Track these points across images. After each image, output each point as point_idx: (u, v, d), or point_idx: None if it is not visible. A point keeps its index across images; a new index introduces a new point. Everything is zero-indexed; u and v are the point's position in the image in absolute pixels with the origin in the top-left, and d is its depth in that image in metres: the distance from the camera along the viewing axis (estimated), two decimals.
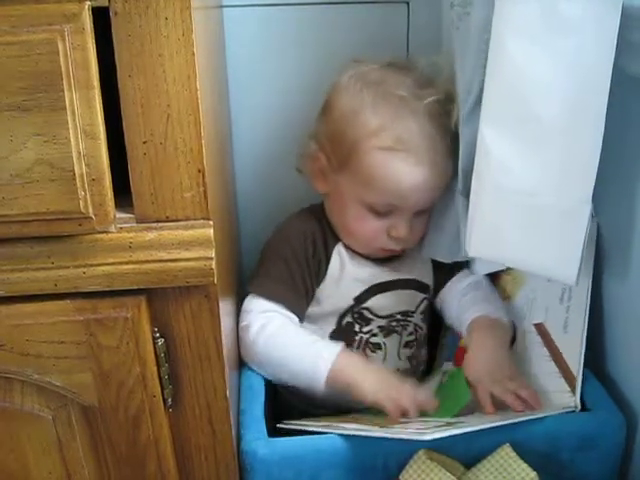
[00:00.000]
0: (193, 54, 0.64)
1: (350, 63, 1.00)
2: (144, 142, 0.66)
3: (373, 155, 0.94)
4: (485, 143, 0.80)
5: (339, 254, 1.02)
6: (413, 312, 1.05)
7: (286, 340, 0.95)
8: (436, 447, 0.83)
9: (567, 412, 0.86)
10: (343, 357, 0.92)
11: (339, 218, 1.01)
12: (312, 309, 1.02)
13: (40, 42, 0.60)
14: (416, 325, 1.06)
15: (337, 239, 1.03)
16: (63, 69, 0.61)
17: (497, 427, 0.84)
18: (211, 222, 0.70)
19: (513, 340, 1.00)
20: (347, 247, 1.02)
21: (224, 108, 1.05)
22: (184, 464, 0.81)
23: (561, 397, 0.88)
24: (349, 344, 1.01)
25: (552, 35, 0.73)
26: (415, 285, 1.06)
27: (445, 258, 1.02)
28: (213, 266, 0.69)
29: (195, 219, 0.69)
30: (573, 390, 0.87)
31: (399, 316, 1.04)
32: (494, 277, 1.08)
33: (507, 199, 0.81)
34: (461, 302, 1.05)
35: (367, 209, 0.97)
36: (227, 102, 1.12)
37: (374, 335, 1.03)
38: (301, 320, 1.00)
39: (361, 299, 1.02)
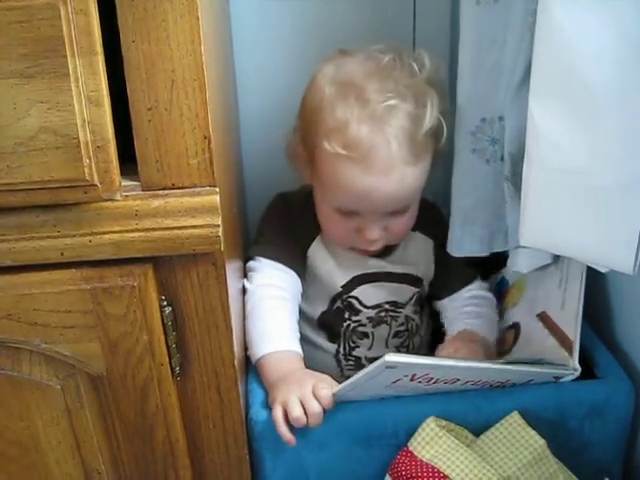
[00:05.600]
0: (197, 18, 0.63)
1: (334, 54, 0.95)
2: (149, 109, 0.66)
3: (325, 159, 0.90)
4: (534, 120, 0.75)
5: (322, 240, 1.01)
6: (404, 304, 1.04)
7: (261, 311, 0.94)
8: (445, 415, 0.83)
9: (576, 380, 0.86)
10: (277, 357, 0.89)
11: (317, 214, 1.00)
12: (306, 289, 1.02)
13: (42, 7, 0.59)
14: (407, 317, 1.04)
15: (320, 228, 1.01)
16: (65, 34, 0.60)
17: (505, 395, 0.84)
18: (217, 189, 0.69)
19: None
20: None
21: (229, 73, 1.04)
22: (192, 433, 0.81)
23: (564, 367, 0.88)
24: (338, 328, 1.02)
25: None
26: (405, 279, 1.04)
27: (480, 252, 0.98)
28: (220, 233, 0.69)
29: (201, 186, 0.69)
30: (570, 353, 0.86)
31: (387, 306, 1.02)
32: (503, 294, 1.06)
33: (558, 180, 0.75)
34: (459, 312, 1.05)
35: (333, 209, 0.95)
36: (232, 68, 1.11)
37: (362, 325, 1.02)
38: (300, 275, 1.00)
39: (348, 288, 1.01)
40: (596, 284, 1.00)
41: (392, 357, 0.76)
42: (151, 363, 0.75)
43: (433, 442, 0.81)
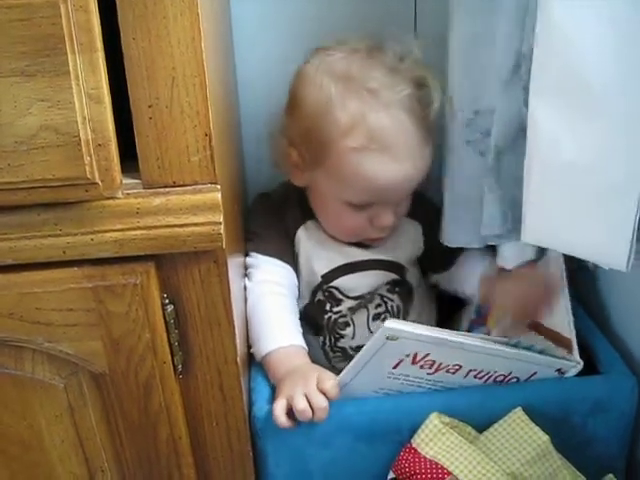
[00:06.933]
0: (198, 15, 0.63)
1: (314, 51, 0.95)
2: (149, 106, 0.66)
3: (347, 155, 0.90)
4: (534, 118, 0.75)
5: (305, 230, 1.02)
6: (378, 287, 1.04)
7: (262, 307, 0.94)
8: (448, 411, 0.83)
9: (579, 376, 0.86)
10: (282, 353, 0.89)
11: (320, 211, 1.00)
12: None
13: (42, 5, 0.59)
14: (383, 297, 1.04)
15: (306, 218, 1.02)
16: (66, 32, 0.60)
17: (509, 391, 0.84)
18: (219, 186, 0.69)
19: None
20: (316, 227, 1.02)
21: (230, 70, 1.04)
22: (195, 430, 0.81)
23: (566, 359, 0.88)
24: (320, 322, 1.02)
25: None
26: (387, 266, 1.04)
27: (473, 244, 0.96)
28: (221, 231, 0.69)
29: (202, 183, 0.69)
30: (570, 351, 0.86)
31: (368, 296, 1.03)
32: (484, 316, 1.04)
33: (557, 177, 0.76)
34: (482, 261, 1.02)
35: (346, 205, 0.95)
36: (233, 64, 1.11)
37: (343, 316, 1.02)
38: (294, 269, 1.00)
39: (328, 278, 1.01)
40: (598, 280, 1.00)
41: (392, 324, 0.76)
42: (153, 361, 0.75)
43: (436, 439, 0.81)
